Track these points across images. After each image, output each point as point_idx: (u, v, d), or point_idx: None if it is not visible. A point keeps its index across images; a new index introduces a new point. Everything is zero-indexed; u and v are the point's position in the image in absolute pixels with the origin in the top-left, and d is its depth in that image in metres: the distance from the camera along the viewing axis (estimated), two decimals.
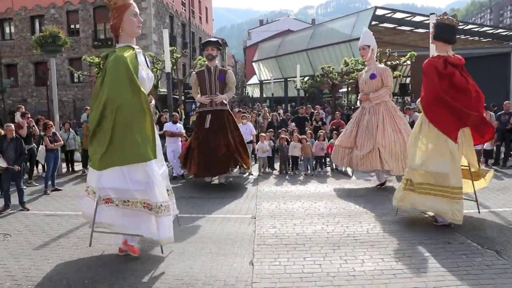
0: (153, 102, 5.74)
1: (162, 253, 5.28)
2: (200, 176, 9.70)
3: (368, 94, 9.20)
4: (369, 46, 9.23)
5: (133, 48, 5.14)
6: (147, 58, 5.50)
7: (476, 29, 39.60)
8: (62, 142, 10.54)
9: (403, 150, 8.54)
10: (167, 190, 5.45)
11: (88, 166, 5.99)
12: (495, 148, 11.78)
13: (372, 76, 9.18)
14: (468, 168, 6.56)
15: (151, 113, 5.15)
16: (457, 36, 6.74)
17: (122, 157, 4.89)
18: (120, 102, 4.81)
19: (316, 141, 11.51)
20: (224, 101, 9.69)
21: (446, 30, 6.39)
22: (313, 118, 14.51)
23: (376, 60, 9.81)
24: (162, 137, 11.92)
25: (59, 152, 10.23)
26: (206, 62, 9.89)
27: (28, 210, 7.90)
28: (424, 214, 6.82)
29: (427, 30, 10.20)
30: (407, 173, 6.67)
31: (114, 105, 4.82)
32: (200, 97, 9.69)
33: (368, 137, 9.09)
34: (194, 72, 10.33)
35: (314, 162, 11.55)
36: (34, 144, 10.71)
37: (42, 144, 10.10)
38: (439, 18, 6.57)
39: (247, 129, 11.49)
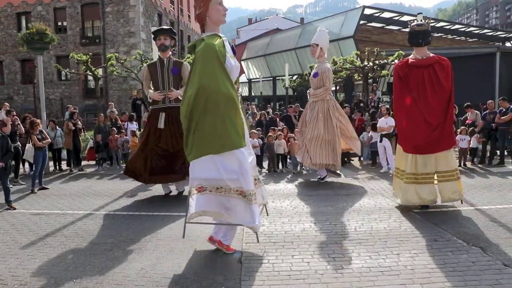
0: (240, 90, 5.67)
1: (258, 242, 5.26)
2: (153, 181, 8.61)
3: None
4: (318, 45, 9.58)
5: (220, 36, 5.08)
6: (233, 47, 5.43)
7: (462, 29, 40.03)
8: (49, 140, 10.45)
9: (324, 146, 9.40)
10: (256, 179, 5.43)
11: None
12: (480, 146, 11.93)
13: (315, 75, 9.72)
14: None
15: (239, 100, 5.15)
16: (442, 36, 7.31)
17: (215, 145, 4.82)
18: (212, 90, 4.75)
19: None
20: (180, 97, 7.99)
21: (414, 36, 7.10)
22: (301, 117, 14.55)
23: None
24: None
25: (46, 151, 10.13)
26: (159, 53, 8.54)
27: (14, 209, 7.83)
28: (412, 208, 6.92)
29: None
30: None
31: (206, 93, 4.76)
32: (152, 93, 8.35)
33: (302, 131, 9.92)
34: (145, 65, 9.09)
35: None
36: (18, 142, 10.60)
37: (29, 143, 10.00)
38: (412, 25, 7.26)
39: None
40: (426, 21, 7.57)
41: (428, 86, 6.85)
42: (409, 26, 7.36)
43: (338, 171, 9.85)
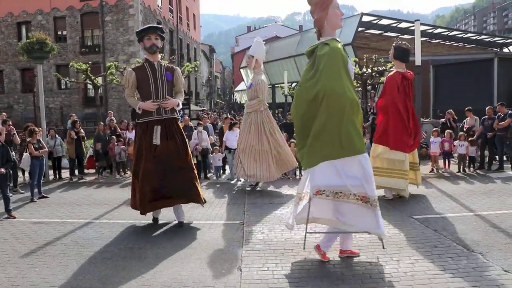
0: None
1: (384, 248, 5.17)
2: (154, 208, 6.99)
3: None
4: (253, 56, 9.72)
5: (338, 40, 5.05)
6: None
7: (460, 35, 40.20)
8: (46, 149, 10.44)
9: (258, 158, 9.53)
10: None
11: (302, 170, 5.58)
12: (479, 152, 11.96)
13: (250, 86, 9.89)
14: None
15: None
16: (441, 42, 8.24)
17: (338, 150, 4.74)
18: (338, 94, 4.67)
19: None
20: (176, 107, 7.09)
21: (402, 53, 8.37)
22: None
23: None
24: None
25: (43, 160, 10.12)
26: (146, 56, 7.13)
27: (14, 218, 7.82)
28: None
29: (413, 36, 10.41)
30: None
31: (331, 96, 4.68)
32: (144, 103, 6.83)
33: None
34: (130, 69, 7.24)
35: (301, 167, 11.65)
36: (13, 152, 10.57)
37: (26, 152, 10.00)
38: (397, 43, 8.52)
39: (236, 136, 11.52)
40: (404, 42, 8.67)
41: (410, 95, 8.39)
42: (397, 43, 8.52)
43: (256, 183, 10.10)
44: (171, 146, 6.86)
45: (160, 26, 7.49)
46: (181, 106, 7.28)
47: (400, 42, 8.55)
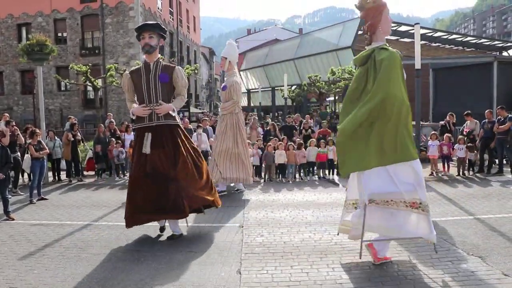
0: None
1: (436, 252, 5.12)
2: (137, 222, 6.40)
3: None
4: (226, 58, 9.74)
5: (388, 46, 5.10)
6: None
7: (460, 39, 40.26)
8: (47, 150, 10.44)
9: (234, 160, 9.52)
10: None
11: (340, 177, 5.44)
12: (479, 156, 11.96)
13: (223, 88, 9.88)
14: None
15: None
16: (440, 45, 8.01)
17: (393, 155, 4.76)
18: (398, 99, 4.71)
19: (297, 149, 11.72)
20: (171, 112, 6.30)
21: None
22: (301, 127, 14.62)
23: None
24: None
25: (45, 161, 10.12)
26: (143, 56, 6.61)
27: (13, 219, 7.81)
28: None
29: (413, 40, 10.45)
30: None
31: (392, 102, 4.70)
32: (135, 108, 6.34)
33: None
34: (127, 72, 6.80)
35: (299, 170, 11.75)
36: (18, 153, 10.59)
37: (27, 153, 9.98)
38: None
39: None
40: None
41: None
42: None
43: (242, 187, 10.09)
44: (162, 156, 6.21)
45: (155, 22, 6.83)
46: (175, 113, 6.43)
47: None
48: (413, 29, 13.94)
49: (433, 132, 12.87)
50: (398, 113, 4.72)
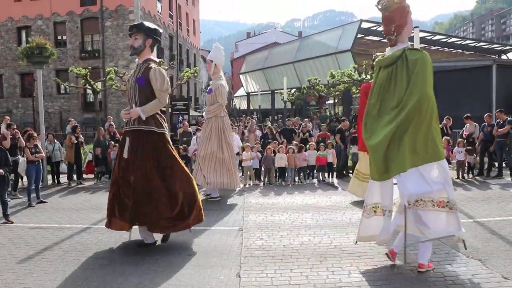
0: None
1: (466, 248, 5.06)
2: (114, 227, 6.19)
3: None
4: (212, 61, 9.72)
5: None
6: None
7: (459, 42, 40.41)
8: (43, 154, 10.40)
9: (218, 165, 9.41)
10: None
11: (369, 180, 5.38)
12: (478, 159, 11.97)
13: (209, 91, 9.83)
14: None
15: None
16: (439, 49, 8.09)
17: (424, 155, 4.80)
18: (433, 100, 4.79)
19: (297, 152, 11.71)
20: (142, 116, 5.89)
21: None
22: (299, 130, 14.64)
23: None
24: None
25: (41, 164, 10.07)
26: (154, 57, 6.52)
27: (12, 223, 7.79)
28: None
29: (412, 43, 10.42)
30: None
31: (428, 103, 4.74)
32: (122, 111, 6.26)
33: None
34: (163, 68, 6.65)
35: (300, 173, 11.73)
36: (19, 155, 10.58)
37: (23, 156, 9.96)
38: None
39: (233, 141, 11.50)
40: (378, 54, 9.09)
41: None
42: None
43: (214, 194, 9.78)
44: (136, 163, 5.88)
45: (140, 22, 6.51)
46: (144, 117, 5.90)
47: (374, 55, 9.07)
48: (412, 32, 13.93)
49: None
50: (431, 112, 4.79)
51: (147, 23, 6.36)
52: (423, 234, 4.94)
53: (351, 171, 12.79)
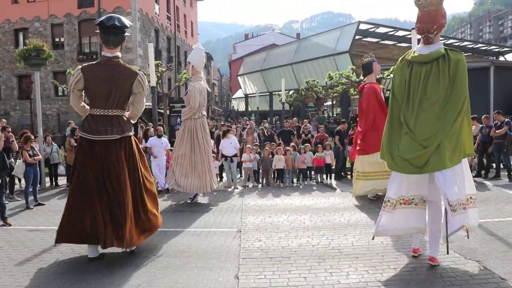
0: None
1: (468, 238, 5.39)
2: (85, 241, 5.72)
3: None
4: (189, 63, 9.73)
5: None
6: None
7: (457, 44, 40.47)
8: (40, 157, 10.38)
9: (189, 167, 9.26)
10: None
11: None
12: (476, 160, 11.98)
13: (186, 93, 9.82)
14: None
15: None
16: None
17: (460, 153, 4.99)
18: (468, 100, 5.08)
19: (298, 154, 11.70)
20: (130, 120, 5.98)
21: (366, 67, 9.40)
22: (300, 131, 14.64)
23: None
24: (146, 151, 11.89)
25: (37, 167, 10.05)
26: (104, 52, 5.90)
27: (10, 225, 7.77)
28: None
29: (410, 45, 10.47)
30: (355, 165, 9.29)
31: (468, 103, 5.08)
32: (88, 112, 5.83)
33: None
34: (79, 67, 5.82)
35: (299, 175, 11.73)
36: (12, 159, 10.54)
37: (19, 159, 9.94)
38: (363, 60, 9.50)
39: (231, 143, 11.53)
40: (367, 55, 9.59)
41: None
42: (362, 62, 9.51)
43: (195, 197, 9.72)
44: (116, 173, 5.64)
45: (98, 19, 6.27)
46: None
47: (363, 60, 9.50)
48: (410, 34, 13.96)
49: None
50: (468, 112, 5.09)
51: (124, 20, 6.02)
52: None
53: (349, 173, 12.81)
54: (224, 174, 12.25)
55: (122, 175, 5.63)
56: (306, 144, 12.49)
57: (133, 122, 6.17)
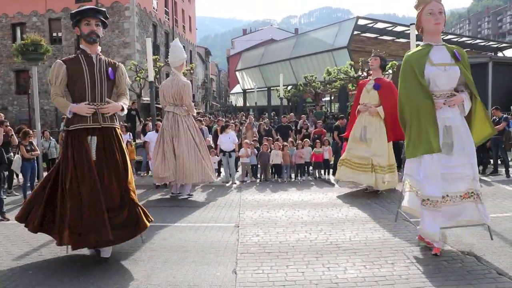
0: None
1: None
2: (81, 246, 5.26)
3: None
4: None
5: (430, 45, 5.65)
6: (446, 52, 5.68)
7: (455, 39, 40.49)
8: (38, 151, 10.36)
9: (168, 159, 9.09)
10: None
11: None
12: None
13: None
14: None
15: None
16: None
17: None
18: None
19: (295, 149, 11.70)
20: (120, 112, 5.63)
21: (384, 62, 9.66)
22: (300, 127, 14.65)
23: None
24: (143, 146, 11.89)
25: (35, 162, 10.03)
26: (82, 46, 5.70)
27: (8, 220, 7.76)
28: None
29: (408, 40, 10.49)
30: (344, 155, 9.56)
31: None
32: (77, 105, 5.32)
33: None
34: (59, 61, 5.54)
35: (297, 170, 11.73)
36: (11, 153, 10.53)
37: (17, 154, 9.92)
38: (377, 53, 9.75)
39: (230, 138, 11.53)
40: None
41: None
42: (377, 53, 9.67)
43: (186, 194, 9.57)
44: (110, 164, 5.37)
45: (103, 9, 6.00)
46: (125, 112, 5.72)
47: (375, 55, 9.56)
48: (408, 29, 13.97)
49: None
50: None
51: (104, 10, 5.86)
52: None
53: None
54: (222, 169, 12.26)
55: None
56: (305, 140, 12.49)
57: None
